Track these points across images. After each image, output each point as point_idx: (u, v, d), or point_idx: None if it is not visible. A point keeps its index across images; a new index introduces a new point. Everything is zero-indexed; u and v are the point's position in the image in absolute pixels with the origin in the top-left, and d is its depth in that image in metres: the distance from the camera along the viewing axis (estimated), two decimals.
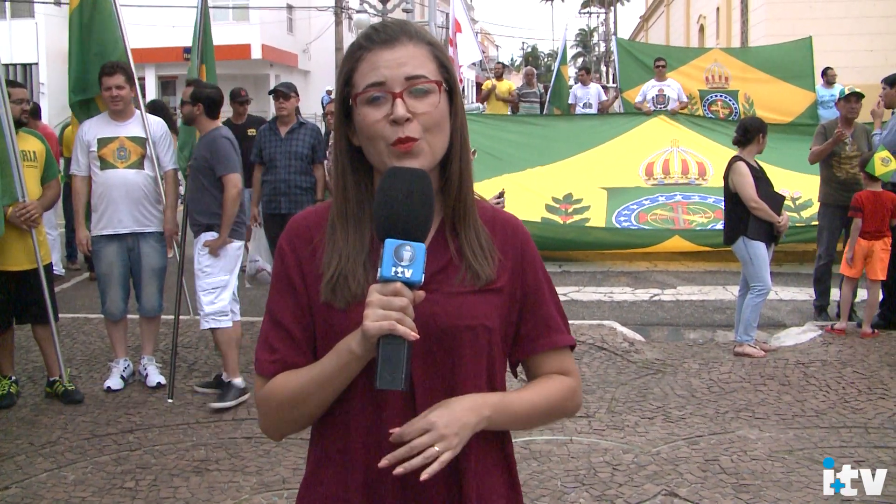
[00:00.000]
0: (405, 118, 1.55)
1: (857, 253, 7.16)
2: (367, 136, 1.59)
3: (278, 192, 7.58)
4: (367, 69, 1.58)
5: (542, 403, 1.71)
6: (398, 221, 1.48)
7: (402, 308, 1.45)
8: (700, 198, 11.04)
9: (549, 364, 1.76)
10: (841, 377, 6.15)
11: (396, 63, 1.57)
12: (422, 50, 1.60)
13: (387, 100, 1.56)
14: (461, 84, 2.00)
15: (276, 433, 1.71)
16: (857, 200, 7.22)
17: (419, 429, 1.53)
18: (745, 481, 4.49)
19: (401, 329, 1.44)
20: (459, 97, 1.68)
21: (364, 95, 1.58)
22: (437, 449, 1.52)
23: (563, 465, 4.73)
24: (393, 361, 1.45)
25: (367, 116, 1.57)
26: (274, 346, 1.66)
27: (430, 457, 1.51)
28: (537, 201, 10.76)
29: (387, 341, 1.45)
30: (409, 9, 29.74)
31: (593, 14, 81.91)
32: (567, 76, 17.64)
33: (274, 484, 4.56)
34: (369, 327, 1.45)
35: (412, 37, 1.61)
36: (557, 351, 1.76)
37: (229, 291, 5.85)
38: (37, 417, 5.58)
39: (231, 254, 5.84)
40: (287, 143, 7.60)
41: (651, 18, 55.10)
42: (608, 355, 6.74)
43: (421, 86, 1.57)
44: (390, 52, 1.58)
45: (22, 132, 5.95)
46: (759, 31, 25.85)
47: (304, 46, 40.85)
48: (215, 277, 5.76)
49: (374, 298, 1.47)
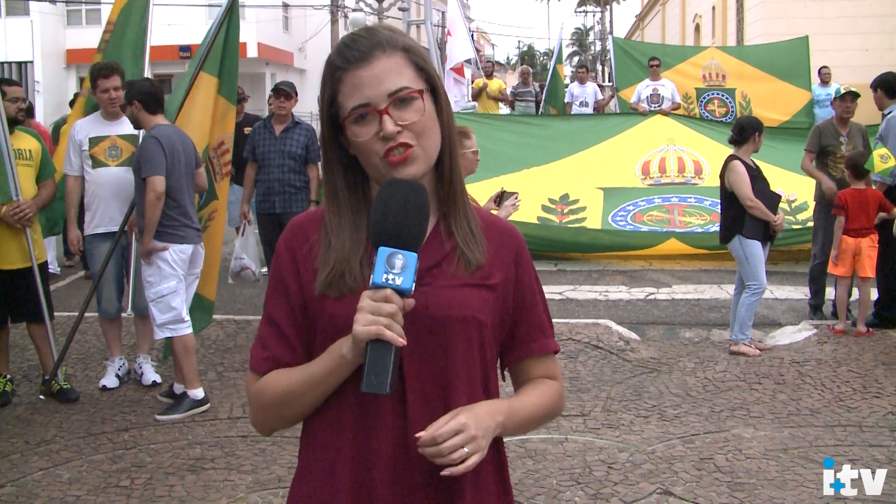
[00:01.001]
0: (395, 132, 1.59)
1: (843, 251, 7.18)
2: (362, 153, 1.64)
3: (272, 192, 7.50)
4: (349, 91, 1.62)
5: (541, 410, 1.77)
6: (392, 230, 1.53)
7: (390, 314, 1.50)
8: (696, 200, 11.06)
9: (538, 368, 1.81)
10: (836, 376, 6.17)
11: (376, 80, 1.60)
12: (397, 59, 1.63)
13: (374, 117, 1.60)
14: (462, 81, 2.01)
15: (266, 428, 1.76)
16: (840, 199, 7.24)
17: (452, 429, 1.56)
18: (739, 480, 4.50)
19: (388, 334, 1.49)
20: (443, 95, 1.71)
21: (352, 116, 1.62)
22: (467, 450, 1.56)
23: (558, 463, 4.74)
24: (380, 366, 1.49)
25: (358, 135, 1.62)
26: (267, 344, 1.71)
27: (460, 458, 1.55)
28: (534, 202, 10.76)
29: (375, 346, 1.50)
30: (404, 7, 29.68)
31: (589, 13, 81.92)
32: (563, 75, 17.67)
33: (269, 482, 4.56)
34: (358, 331, 1.50)
35: (385, 48, 1.63)
36: (546, 356, 1.82)
37: (180, 298, 5.56)
38: (32, 416, 5.58)
39: (171, 259, 5.50)
40: (281, 142, 7.53)
41: (647, 17, 55.10)
42: (603, 354, 6.75)
43: (404, 96, 1.61)
44: (367, 69, 1.61)
45: (18, 130, 5.94)
46: (755, 30, 25.89)
47: (299, 45, 40.82)
48: (159, 286, 5.50)
49: (364, 304, 1.51)
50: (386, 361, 1.49)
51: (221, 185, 6.33)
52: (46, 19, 33.16)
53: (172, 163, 5.40)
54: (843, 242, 7.19)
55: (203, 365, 6.48)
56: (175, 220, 5.50)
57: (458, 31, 16.04)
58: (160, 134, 5.43)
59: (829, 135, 7.70)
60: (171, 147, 5.41)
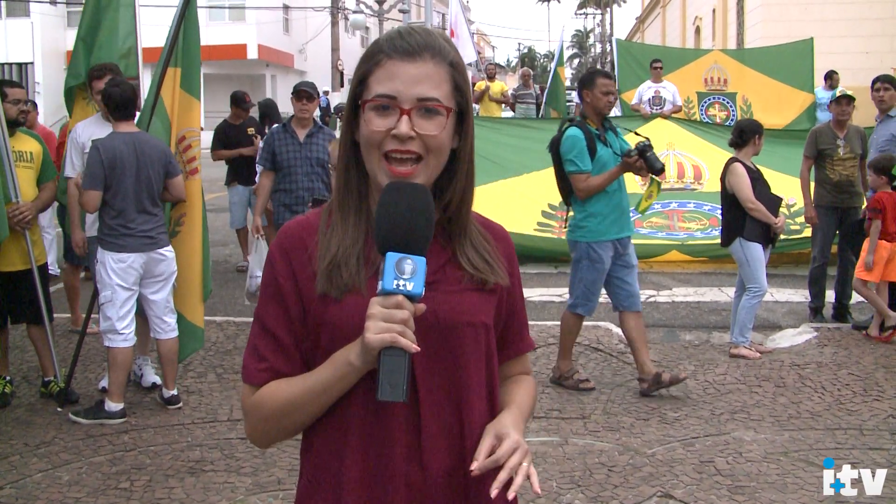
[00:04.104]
0: (408, 136, 1.55)
1: (881, 257, 7.02)
2: (366, 141, 1.60)
3: (300, 202, 6.97)
4: (382, 76, 1.58)
5: (530, 409, 1.79)
6: (400, 235, 1.50)
7: (403, 321, 1.47)
8: (695, 206, 11.05)
9: (517, 366, 1.85)
10: (836, 379, 6.16)
11: (413, 80, 1.56)
12: (441, 70, 1.59)
13: (394, 112, 1.56)
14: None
15: (264, 441, 1.70)
16: (877, 202, 7.08)
17: (510, 449, 1.56)
18: (740, 483, 4.50)
19: (403, 341, 1.45)
20: (471, 119, 1.67)
21: (373, 102, 1.58)
22: (525, 464, 1.56)
23: (558, 466, 4.73)
24: (394, 373, 1.46)
25: (371, 123, 1.58)
26: (263, 355, 1.64)
27: (522, 472, 1.55)
28: (534, 208, 10.74)
29: (388, 353, 1.46)
30: (405, 9, 29.70)
31: (589, 15, 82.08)
32: (564, 77, 17.66)
33: (269, 485, 4.55)
34: (371, 339, 1.46)
35: (435, 54, 1.59)
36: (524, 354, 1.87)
37: (115, 308, 5.38)
38: (31, 418, 5.57)
39: (109, 268, 5.36)
40: (307, 149, 7.05)
41: (647, 20, 55.16)
42: (604, 357, 6.74)
43: (432, 107, 1.57)
44: (410, 65, 1.57)
45: (20, 132, 5.94)
46: (756, 33, 25.91)
47: (300, 47, 40.85)
48: (102, 293, 5.44)
49: (375, 311, 1.47)
50: (400, 369, 1.46)
51: (188, 183, 5.89)
52: (47, 20, 33.20)
53: (113, 174, 5.29)
54: (882, 248, 7.02)
55: (203, 367, 6.48)
56: (114, 230, 5.38)
57: (461, 34, 16.05)
58: (104, 145, 5.34)
59: (826, 138, 7.70)
60: (113, 158, 5.29)
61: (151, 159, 5.43)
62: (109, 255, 5.38)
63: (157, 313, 5.63)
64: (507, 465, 1.53)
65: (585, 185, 5.76)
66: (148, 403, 5.81)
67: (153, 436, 5.25)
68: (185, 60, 5.90)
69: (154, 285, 5.58)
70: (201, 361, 6.60)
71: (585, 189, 5.77)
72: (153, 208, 5.48)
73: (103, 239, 5.43)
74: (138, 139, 5.44)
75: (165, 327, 5.64)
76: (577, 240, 5.90)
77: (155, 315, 5.63)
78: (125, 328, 5.44)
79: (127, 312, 5.45)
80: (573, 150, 5.76)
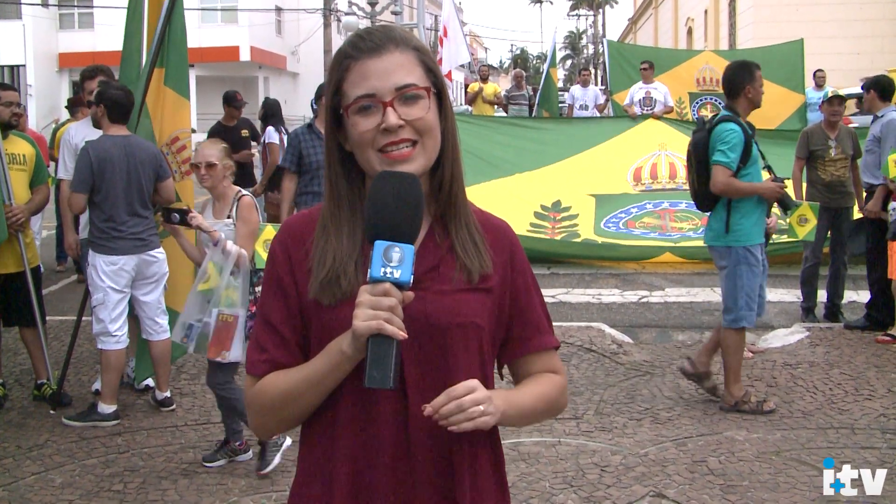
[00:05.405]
0: (398, 125, 1.58)
1: None
2: (359, 145, 1.62)
3: None
4: (356, 79, 1.61)
5: (541, 400, 1.76)
6: (387, 223, 1.51)
7: (390, 308, 1.48)
8: (687, 206, 11.05)
9: (537, 365, 1.80)
10: (828, 378, 6.19)
11: (385, 72, 1.59)
12: (408, 56, 1.63)
13: (378, 109, 1.59)
14: (451, 85, 2.02)
15: (265, 431, 1.76)
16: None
17: (467, 387, 1.56)
18: (732, 482, 4.52)
19: (389, 328, 1.47)
20: (448, 99, 1.70)
21: (355, 105, 1.60)
22: (482, 409, 1.56)
23: (551, 466, 4.75)
24: (382, 360, 1.48)
25: (358, 126, 1.60)
26: (264, 347, 1.69)
27: (478, 413, 1.56)
28: (526, 208, 10.76)
29: (376, 341, 1.48)
30: (397, 11, 29.74)
31: (582, 16, 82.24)
32: (556, 78, 17.69)
33: (262, 486, 4.56)
34: (359, 327, 1.48)
35: (398, 44, 1.63)
36: (545, 352, 1.81)
37: (107, 310, 5.38)
38: (24, 420, 5.56)
39: (100, 270, 5.36)
40: None
41: (639, 21, 55.28)
42: (596, 357, 6.76)
43: (411, 93, 1.60)
44: (378, 60, 1.60)
45: (12, 135, 5.94)
46: (747, 34, 26.00)
47: (292, 49, 40.81)
48: (94, 296, 5.44)
49: (363, 299, 1.50)
50: (388, 356, 1.48)
51: (181, 185, 5.90)
52: (39, 23, 33.12)
53: (102, 177, 5.29)
54: None
55: (196, 369, 6.47)
56: (105, 233, 5.37)
57: (454, 36, 16.06)
58: (95, 147, 5.34)
59: (818, 139, 7.73)
60: (103, 161, 5.29)
61: (142, 162, 5.43)
62: (100, 258, 5.38)
63: (149, 315, 5.62)
64: (451, 394, 1.55)
65: (729, 181, 5.35)
66: (141, 406, 5.81)
67: (146, 438, 5.25)
68: (173, 59, 5.85)
69: (146, 287, 5.57)
70: (194, 363, 6.59)
71: (726, 185, 5.36)
72: (143, 211, 5.48)
73: (94, 242, 5.43)
74: (129, 142, 5.44)
75: (157, 329, 5.64)
76: (732, 245, 5.46)
77: (147, 317, 5.62)
78: (117, 330, 5.44)
79: (119, 315, 5.45)
80: (730, 143, 5.37)
